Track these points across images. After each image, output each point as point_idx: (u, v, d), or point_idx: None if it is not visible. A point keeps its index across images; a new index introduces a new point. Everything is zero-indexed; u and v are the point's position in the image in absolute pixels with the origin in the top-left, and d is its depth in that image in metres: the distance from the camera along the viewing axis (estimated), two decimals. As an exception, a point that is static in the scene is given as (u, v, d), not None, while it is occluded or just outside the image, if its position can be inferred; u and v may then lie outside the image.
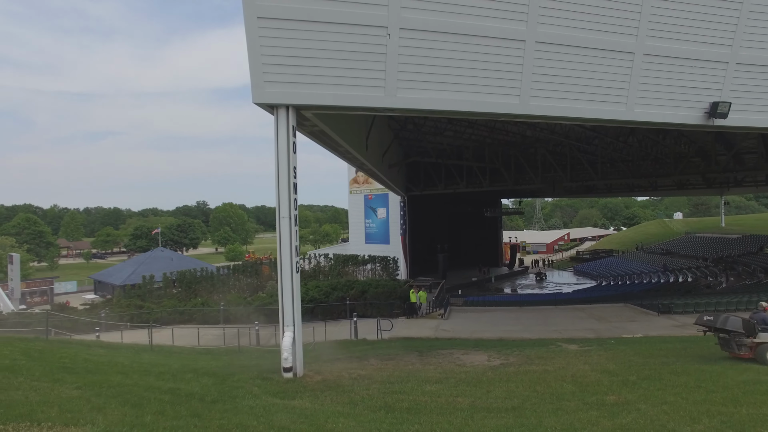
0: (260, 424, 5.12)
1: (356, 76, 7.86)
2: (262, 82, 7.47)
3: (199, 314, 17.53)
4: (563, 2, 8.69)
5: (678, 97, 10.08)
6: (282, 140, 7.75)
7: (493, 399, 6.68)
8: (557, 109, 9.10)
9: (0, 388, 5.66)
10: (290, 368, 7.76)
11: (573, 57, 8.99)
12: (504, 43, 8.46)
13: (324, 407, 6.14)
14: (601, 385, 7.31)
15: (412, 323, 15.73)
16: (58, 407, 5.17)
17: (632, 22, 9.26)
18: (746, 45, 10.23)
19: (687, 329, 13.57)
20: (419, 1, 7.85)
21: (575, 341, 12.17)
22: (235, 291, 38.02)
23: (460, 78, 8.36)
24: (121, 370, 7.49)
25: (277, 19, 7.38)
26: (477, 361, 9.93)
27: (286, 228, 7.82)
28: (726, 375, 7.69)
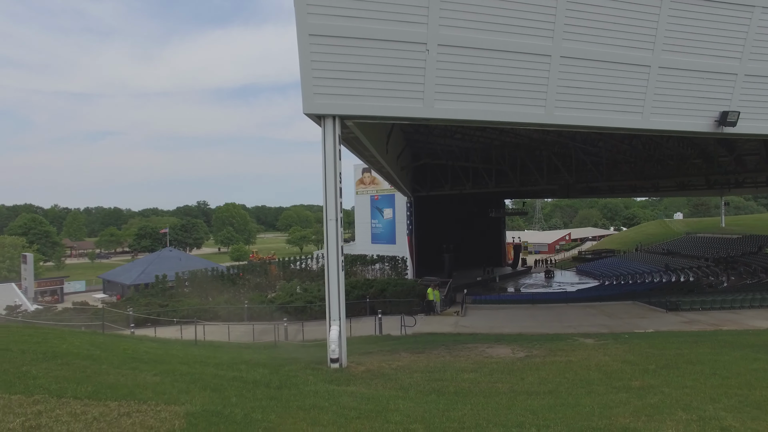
0: (331, 405, 5.77)
1: (397, 88, 8.53)
2: (312, 94, 8.13)
3: (224, 312, 18.17)
4: (585, 20, 9.36)
5: (690, 107, 10.76)
6: (329, 148, 8.41)
7: (529, 384, 7.34)
8: (579, 118, 9.77)
9: (94, 373, 6.31)
10: (337, 359, 8.41)
11: (594, 70, 9.66)
12: (531, 58, 9.13)
13: (379, 392, 6.80)
14: (625, 373, 7.98)
15: (432, 320, 16.39)
16: (151, 390, 5.82)
17: (649, 37, 9.94)
18: (754, 58, 10.93)
19: (695, 325, 14.27)
20: (455, 20, 8.52)
21: (591, 336, 12.84)
22: (244, 290, 38.67)
23: (491, 90, 9.04)
24: (182, 361, 8.13)
25: (326, 36, 8.04)
26: (502, 353, 10.58)
27: (332, 229, 8.48)
28: (738, 364, 8.36)
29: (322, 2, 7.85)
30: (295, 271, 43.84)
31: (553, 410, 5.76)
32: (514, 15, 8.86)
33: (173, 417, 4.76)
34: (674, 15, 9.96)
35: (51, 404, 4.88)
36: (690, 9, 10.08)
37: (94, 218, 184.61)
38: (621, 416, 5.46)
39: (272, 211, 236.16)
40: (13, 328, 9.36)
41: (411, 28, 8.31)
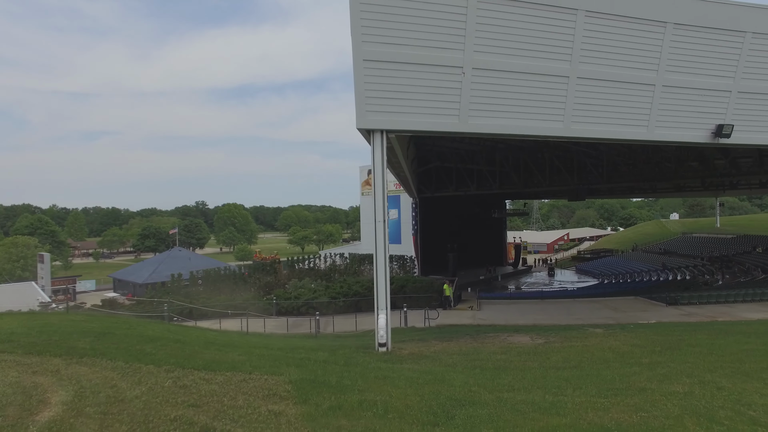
0: (399, 376, 6.98)
1: (436, 106, 9.76)
2: (364, 111, 9.34)
3: (253, 307, 19.33)
4: (598, 45, 10.63)
5: (689, 120, 12.07)
6: (377, 158, 9.61)
7: (555, 362, 8.58)
8: (593, 131, 11.04)
9: (192, 353, 7.49)
10: (384, 344, 9.62)
11: (606, 89, 10.93)
12: (552, 79, 10.39)
13: (431, 368, 8.02)
14: (635, 354, 9.24)
15: (450, 314, 17.63)
16: (248, 365, 6.99)
17: (654, 60, 11.23)
18: (746, 77, 12.24)
19: (693, 317, 15.59)
20: (487, 46, 9.75)
21: (599, 326, 14.10)
22: (255, 288, 39.78)
23: (517, 107, 10.29)
24: (251, 345, 9.32)
25: (377, 61, 9.24)
26: (522, 341, 11.82)
27: (381, 230, 9.69)
28: (731, 346, 9.66)
29: (374, 32, 9.06)
30: (304, 270, 44.96)
31: (580, 379, 7.00)
32: (538, 41, 10.11)
33: (280, 383, 5.94)
34: (676, 40, 11.25)
35: (181, 372, 6.06)
36: (690, 34, 11.38)
37: (92, 218, 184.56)
38: (637, 381, 6.70)
39: (270, 212, 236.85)
40: (99, 317, 10.49)
41: (449, 54, 9.53)
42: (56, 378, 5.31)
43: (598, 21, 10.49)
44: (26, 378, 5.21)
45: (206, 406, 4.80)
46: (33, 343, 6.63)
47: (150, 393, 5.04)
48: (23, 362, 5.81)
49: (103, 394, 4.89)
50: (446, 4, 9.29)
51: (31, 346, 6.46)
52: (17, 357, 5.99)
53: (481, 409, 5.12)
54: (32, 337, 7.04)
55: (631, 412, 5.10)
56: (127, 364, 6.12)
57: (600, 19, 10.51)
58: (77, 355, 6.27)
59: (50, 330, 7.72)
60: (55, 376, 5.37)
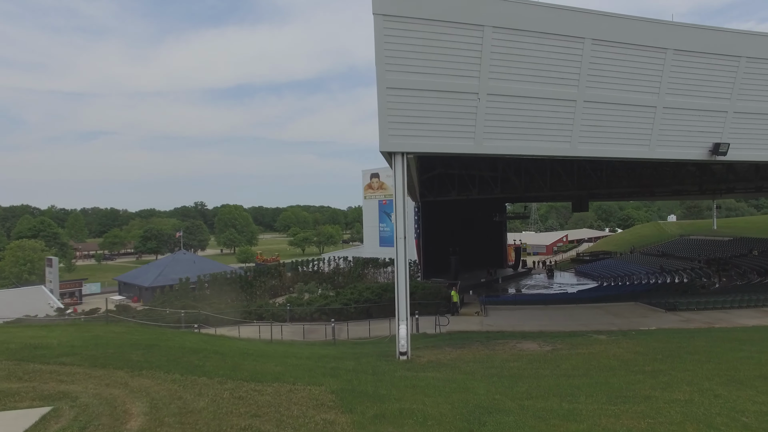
0: (427, 385, 7.64)
1: (453, 129, 10.43)
2: (387, 135, 10.01)
3: (268, 314, 19.97)
4: (604, 71, 11.33)
5: (688, 139, 12.79)
6: (398, 179, 10.28)
7: (565, 370, 9.26)
8: (598, 151, 11.74)
9: (234, 364, 8.13)
10: (405, 352, 10.29)
11: (611, 111, 11.64)
12: (560, 103, 11.08)
13: (452, 376, 8.68)
14: (638, 361, 9.93)
15: (458, 320, 18.31)
16: (289, 375, 7.65)
17: (655, 83, 11.94)
18: (741, 98, 12.98)
19: (692, 323, 16.31)
20: (501, 74, 10.44)
21: (602, 333, 14.81)
22: (260, 292, 40.39)
23: (528, 129, 10.98)
24: (282, 355, 9.97)
25: (399, 88, 9.91)
26: (531, 348, 12.50)
27: (401, 246, 10.36)
28: (727, 354, 10.37)
29: (397, 62, 9.72)
30: (308, 274, 45.57)
31: (591, 386, 7.68)
32: (548, 68, 10.81)
33: (324, 393, 6.60)
34: (676, 65, 11.96)
35: (233, 384, 6.70)
36: (689, 59, 12.10)
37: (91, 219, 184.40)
38: (642, 389, 7.39)
39: (269, 212, 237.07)
40: (137, 329, 11.11)
41: (466, 81, 10.20)
42: (127, 390, 5.95)
43: (603, 48, 11.19)
44: (103, 390, 5.85)
45: (267, 416, 5.45)
46: (94, 356, 7.26)
47: (214, 404, 5.69)
48: (93, 375, 6.44)
49: (174, 406, 5.54)
50: (464, 35, 9.96)
51: (94, 359, 7.09)
52: (86, 369, 6.62)
53: (507, 416, 5.79)
54: (90, 350, 7.67)
55: (639, 418, 5.79)
56: (183, 376, 6.76)
57: (605, 47, 11.21)
58: (136, 368, 6.91)
59: (102, 343, 8.34)
60: (126, 389, 6.01)
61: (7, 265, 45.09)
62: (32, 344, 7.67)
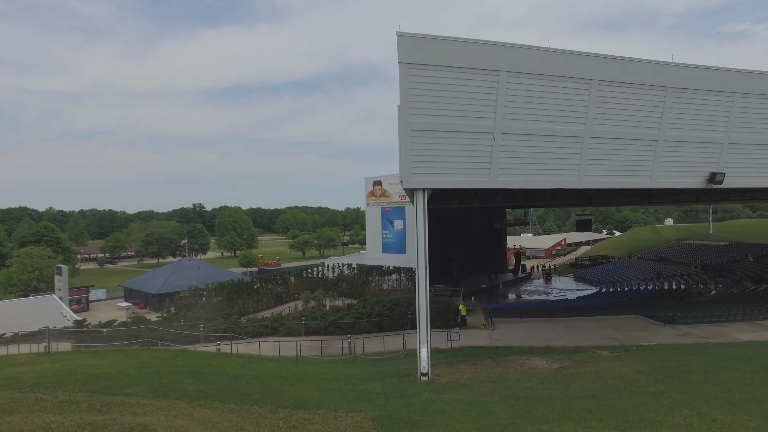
0: (453, 408, 8.43)
1: (471, 166, 11.25)
2: (410, 174, 10.81)
3: (284, 328, 20.72)
4: (609, 109, 12.18)
5: (687, 169, 13.67)
6: (420, 213, 11.08)
7: (574, 390, 10.08)
8: (603, 182, 12.59)
9: (277, 390, 8.89)
10: (426, 373, 11.08)
11: (615, 146, 12.49)
12: (568, 139, 11.92)
13: (473, 398, 9.48)
14: (641, 381, 10.76)
15: (467, 333, 19.11)
16: (328, 401, 8.41)
17: (656, 119, 12.80)
18: (735, 130, 13.87)
19: (689, 338, 17.18)
20: (515, 114, 11.27)
21: (605, 348, 15.64)
22: (266, 299, 41.09)
23: (538, 164, 11.81)
24: (313, 378, 10.75)
25: (422, 130, 10.71)
26: (539, 365, 13.32)
27: (422, 275, 11.16)
28: (723, 373, 11.21)
29: (420, 106, 10.52)
30: (313, 280, 46.28)
31: (600, 409, 8.50)
32: (558, 108, 11.64)
33: (365, 420, 7.36)
34: (675, 102, 12.83)
35: (283, 413, 7.46)
36: (688, 96, 12.97)
37: (89, 220, 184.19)
38: (646, 413, 8.21)
39: (268, 213, 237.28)
40: (176, 352, 11.84)
41: (483, 122, 11.02)
42: (195, 422, 6.71)
43: (608, 88, 12.04)
44: (174, 422, 6.60)
45: (324, 444, 6.21)
46: (154, 387, 8.01)
47: (275, 434, 6.45)
48: (159, 406, 7.20)
49: (242, 436, 6.30)
50: (481, 80, 10.78)
51: (155, 390, 7.84)
52: (151, 401, 7.37)
53: (531, 443, 6.59)
54: (147, 380, 8.41)
55: (647, 444, 6.60)
56: (238, 406, 7.52)
57: (610, 87, 12.06)
58: (194, 398, 7.67)
59: (153, 371, 9.09)
60: (192, 420, 6.76)
61: (15, 272, 45.62)
62: (95, 374, 8.38)
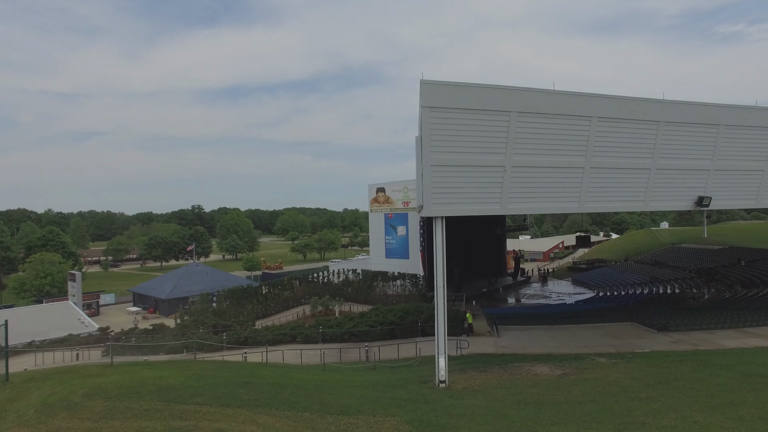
0: (473, 413, 9.75)
1: (483, 196, 12.60)
2: (431, 204, 12.15)
3: (302, 336, 22.01)
4: (607, 142, 13.57)
5: (677, 194, 15.08)
6: (438, 238, 12.42)
7: (576, 396, 11.43)
8: (602, 207, 13.98)
9: (320, 398, 10.17)
10: (444, 381, 12.41)
11: (612, 175, 13.88)
12: (571, 170, 13.30)
13: (487, 403, 10.81)
14: (634, 388, 12.13)
15: (475, 341, 20.45)
16: (366, 407, 9.70)
17: (649, 150, 14.20)
18: (720, 158, 15.30)
19: (680, 345, 18.59)
20: (523, 149, 12.63)
21: (603, 355, 17.03)
22: (274, 304, 42.32)
23: (544, 192, 13.17)
24: (346, 385, 12.04)
25: (441, 165, 12.05)
26: (544, 372, 14.68)
27: (441, 294, 12.50)
28: (706, 380, 12.60)
29: (440, 144, 11.87)
30: (318, 285, 47.56)
31: (599, 413, 9.85)
32: (561, 142, 13.01)
33: (400, 423, 8.67)
34: (667, 134, 14.23)
35: (331, 419, 8.74)
36: (678, 129, 14.38)
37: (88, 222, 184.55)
38: (639, 416, 9.57)
39: (266, 215, 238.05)
40: (220, 363, 13.10)
41: (494, 157, 12.38)
42: (261, 427, 7.99)
43: (607, 124, 13.42)
44: (245, 427, 7.89)
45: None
46: (216, 396, 9.29)
47: (332, 438, 7.74)
48: (226, 413, 8.47)
49: (305, 439, 7.59)
50: (494, 120, 12.13)
51: (217, 399, 9.12)
52: (217, 408, 8.65)
53: (543, 443, 7.92)
54: (207, 390, 9.68)
55: (638, 443, 7.94)
56: (291, 412, 8.81)
57: (609, 123, 13.44)
58: (252, 406, 8.95)
59: (209, 382, 10.36)
60: (259, 426, 8.05)
61: (28, 277, 46.65)
62: (163, 386, 9.62)
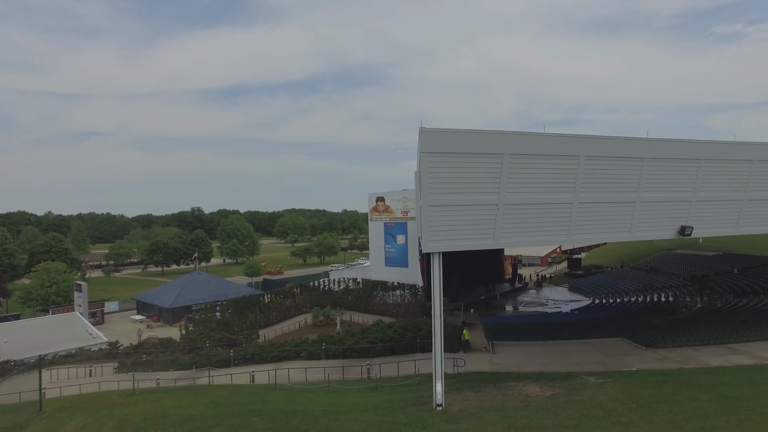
0: (466, 439, 10.65)
1: (478, 232, 13.51)
2: (429, 240, 13.05)
3: (306, 353, 22.90)
4: (594, 178, 14.49)
5: (661, 224, 16.01)
6: (436, 272, 13.32)
7: (562, 420, 12.34)
8: (589, 239, 14.89)
9: (328, 426, 11.05)
10: (441, 404, 13.31)
11: (599, 208, 14.81)
12: (560, 206, 14.21)
13: (480, 428, 11.71)
14: (617, 411, 13.05)
15: (471, 357, 21.35)
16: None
17: (634, 184, 15.13)
18: (702, 189, 16.23)
19: (666, 362, 19.51)
20: (515, 188, 13.54)
21: (592, 374, 17.92)
22: (275, 314, 43.18)
23: (535, 227, 14.09)
24: (350, 410, 12.94)
25: (439, 206, 12.95)
26: (534, 392, 15.58)
27: (438, 323, 13.38)
28: (685, 403, 13.52)
29: (438, 186, 12.77)
30: (319, 293, 48.44)
31: (583, 439, 10.77)
32: (551, 180, 13.93)
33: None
34: (651, 169, 15.16)
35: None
36: (661, 164, 15.32)
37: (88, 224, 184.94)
38: (619, 442, 10.48)
39: (266, 217, 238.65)
40: (231, 389, 13.99)
41: (489, 196, 13.29)
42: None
43: (594, 162, 14.34)
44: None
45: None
46: (233, 426, 10.15)
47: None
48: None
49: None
50: (488, 162, 13.04)
51: (235, 429, 9.99)
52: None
53: (529, 471, 8.83)
54: (225, 419, 10.56)
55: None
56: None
57: (596, 160, 14.36)
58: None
59: (225, 411, 11.25)
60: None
61: (33, 287, 47.44)
62: (184, 416, 10.48)
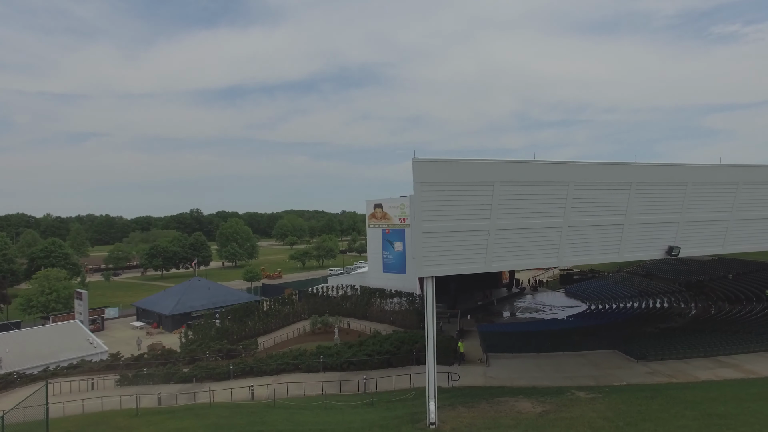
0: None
1: (470, 257, 13.96)
2: (423, 266, 13.50)
3: (304, 365, 23.31)
4: (583, 203, 14.96)
5: (649, 245, 16.49)
6: (429, 296, 13.78)
7: (552, 440, 12.80)
8: (579, 261, 15.39)
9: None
10: (434, 423, 13.75)
11: (589, 231, 15.28)
12: (550, 230, 14.68)
13: (473, 448, 12.15)
14: (604, 429, 13.50)
15: (466, 370, 21.79)
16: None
17: (623, 207, 15.61)
18: (688, 210, 16.72)
19: (656, 376, 19.98)
20: (506, 213, 14.00)
21: (583, 389, 18.38)
22: (275, 320, 43.57)
23: (525, 251, 14.55)
24: (346, 429, 13.37)
25: (432, 232, 13.40)
26: (526, 408, 16.03)
27: (431, 346, 13.82)
28: (671, 421, 13.98)
29: (431, 213, 13.22)
30: (318, 300, 48.83)
31: (570, 460, 11.22)
32: (541, 205, 14.39)
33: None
34: (639, 193, 15.64)
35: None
36: (648, 187, 15.80)
37: (86, 226, 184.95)
38: (604, 463, 10.93)
39: (264, 218, 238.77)
40: (232, 408, 14.39)
41: (481, 222, 13.75)
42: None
43: (583, 187, 14.81)
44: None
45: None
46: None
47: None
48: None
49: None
50: (480, 190, 13.49)
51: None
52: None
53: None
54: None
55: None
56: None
57: (584, 186, 14.83)
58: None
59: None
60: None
61: (34, 293, 47.74)
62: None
